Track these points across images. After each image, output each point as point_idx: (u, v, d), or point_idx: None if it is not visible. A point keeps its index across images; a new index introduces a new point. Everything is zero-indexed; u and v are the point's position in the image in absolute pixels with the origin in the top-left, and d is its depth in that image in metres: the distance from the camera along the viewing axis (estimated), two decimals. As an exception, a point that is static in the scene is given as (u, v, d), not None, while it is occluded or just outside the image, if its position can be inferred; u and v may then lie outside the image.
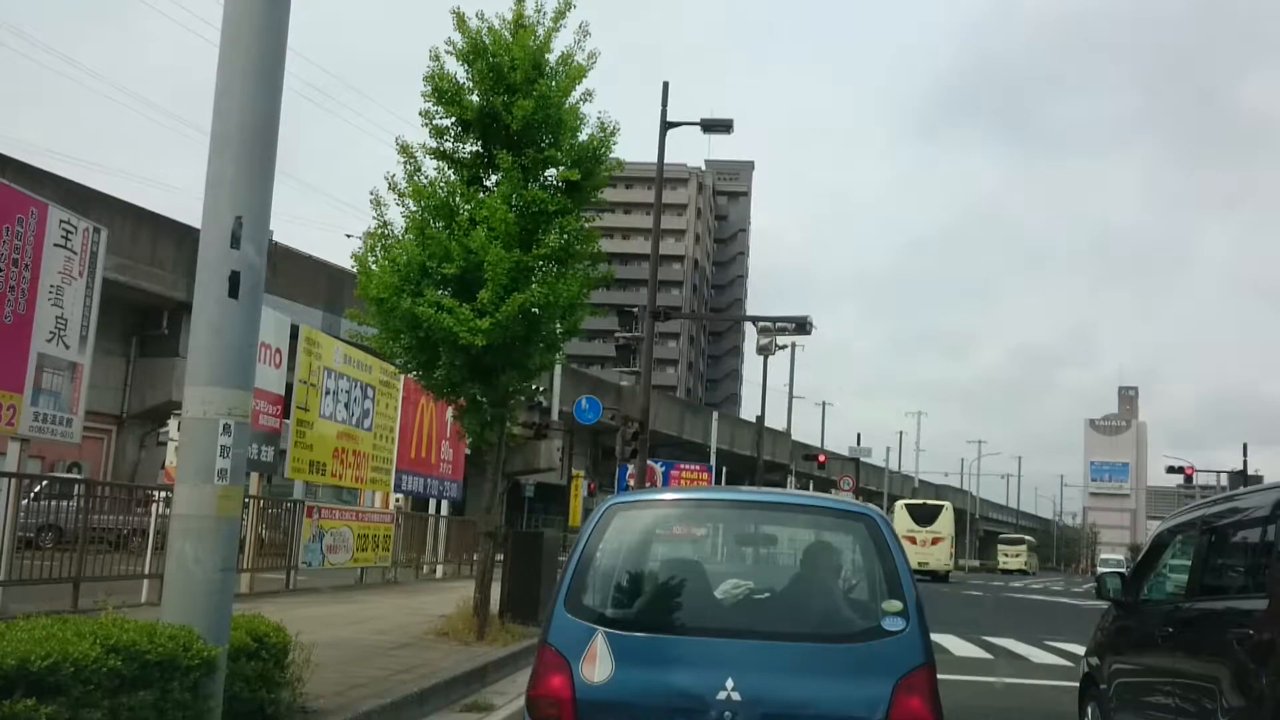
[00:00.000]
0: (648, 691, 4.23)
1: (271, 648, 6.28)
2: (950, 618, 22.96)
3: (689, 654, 4.31)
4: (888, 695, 4.18)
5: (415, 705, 7.95)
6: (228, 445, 5.62)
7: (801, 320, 29.60)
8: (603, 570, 4.64)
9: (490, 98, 11.49)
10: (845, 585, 4.94)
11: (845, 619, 4.70)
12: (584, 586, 4.54)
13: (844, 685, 4.23)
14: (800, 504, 5.88)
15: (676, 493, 7.48)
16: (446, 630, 11.56)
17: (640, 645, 4.35)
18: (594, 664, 4.29)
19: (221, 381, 5.64)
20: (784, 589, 5.00)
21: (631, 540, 4.83)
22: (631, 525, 4.88)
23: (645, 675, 4.26)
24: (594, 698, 4.25)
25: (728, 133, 25.03)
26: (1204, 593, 5.74)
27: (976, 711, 9.93)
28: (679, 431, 64.11)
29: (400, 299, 10.98)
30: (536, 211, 11.36)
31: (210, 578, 5.52)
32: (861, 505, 5.20)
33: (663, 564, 4.98)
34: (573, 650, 4.33)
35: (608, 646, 4.31)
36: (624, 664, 4.29)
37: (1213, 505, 6.18)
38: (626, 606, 4.60)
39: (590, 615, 4.44)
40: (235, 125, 5.77)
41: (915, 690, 4.21)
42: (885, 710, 4.16)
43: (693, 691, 4.19)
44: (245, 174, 5.77)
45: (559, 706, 4.27)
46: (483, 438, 11.86)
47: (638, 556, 4.84)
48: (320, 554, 17.14)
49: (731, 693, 4.16)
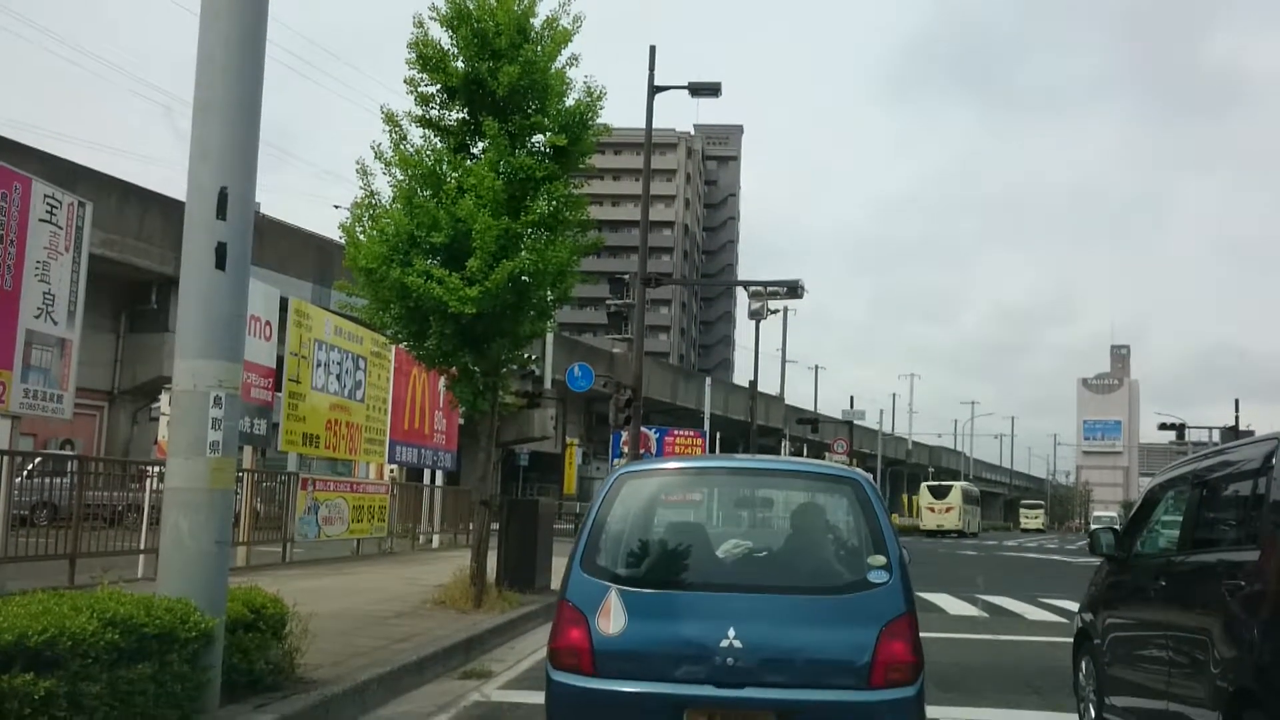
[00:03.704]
0: (657, 641, 4.65)
1: (269, 619, 6.30)
2: (945, 576, 23.11)
3: (694, 607, 4.72)
4: (873, 641, 4.61)
5: (414, 673, 7.99)
6: (219, 417, 5.61)
7: (793, 284, 29.58)
8: (614, 533, 5.06)
9: (475, 64, 11.39)
10: (834, 543, 5.38)
11: (834, 573, 5.10)
12: (598, 548, 4.97)
13: (834, 632, 4.66)
14: (793, 470, 6.54)
15: (680, 461, 8.49)
16: (443, 599, 11.59)
17: (650, 600, 4.78)
18: (609, 618, 4.71)
19: (210, 354, 5.62)
20: (779, 547, 5.52)
21: (640, 505, 5.24)
22: (639, 492, 5.31)
23: (655, 627, 4.68)
24: (609, 648, 4.67)
25: (716, 96, 24.86)
26: (1196, 546, 5.75)
27: (972, 668, 10.00)
28: (672, 398, 64.21)
29: (389, 269, 10.92)
30: (524, 178, 11.29)
31: (205, 550, 5.53)
32: (849, 470, 5.75)
33: (669, 526, 5.38)
34: (589, 606, 4.75)
35: (620, 602, 4.73)
36: (636, 617, 4.70)
37: (1204, 459, 6.17)
38: (637, 566, 5.00)
39: (604, 574, 4.87)
40: (218, 95, 5.73)
41: (898, 636, 4.64)
42: (871, 654, 4.59)
43: (698, 641, 4.61)
44: (229, 144, 5.73)
45: (578, 656, 4.70)
46: (475, 406, 11.84)
47: (646, 520, 5.25)
48: (316, 526, 17.16)
49: (733, 641, 4.57)
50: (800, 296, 30.43)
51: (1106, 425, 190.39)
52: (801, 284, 29.24)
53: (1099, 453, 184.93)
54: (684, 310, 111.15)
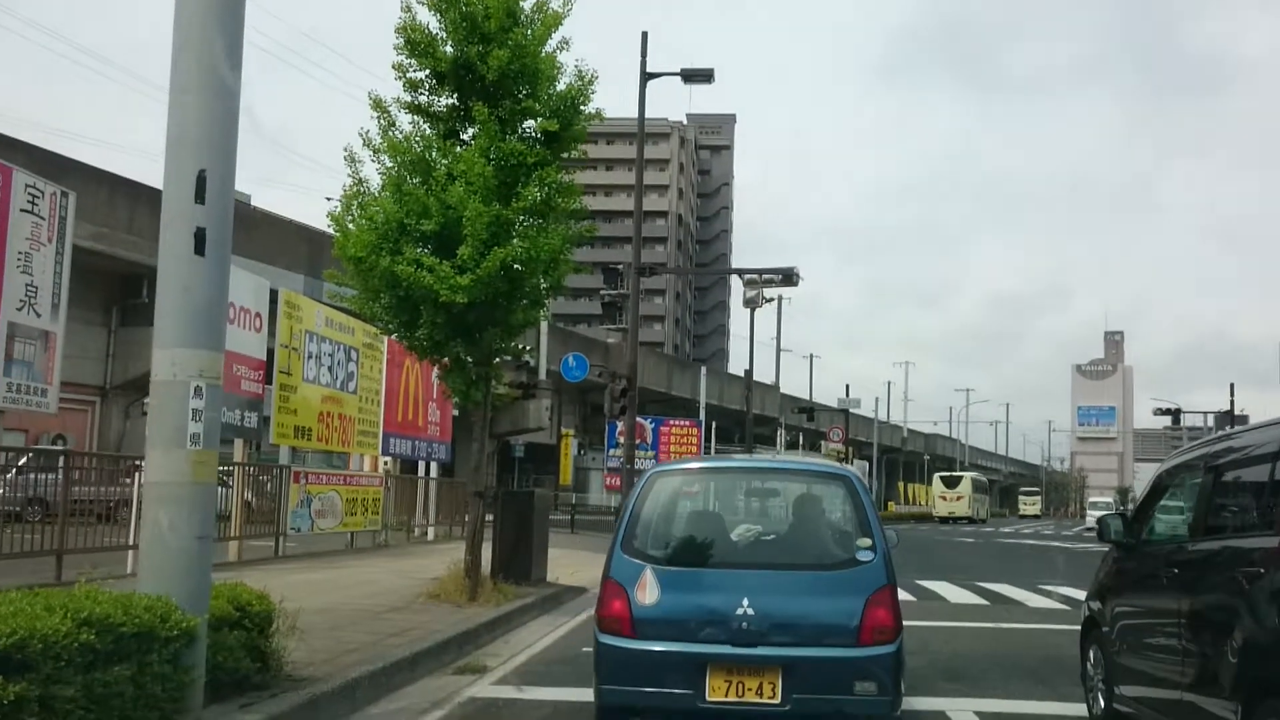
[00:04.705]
0: (685, 610, 5.64)
1: (255, 616, 6.12)
2: (944, 564, 23.00)
3: (715, 582, 5.76)
4: (861, 608, 5.60)
5: (406, 669, 7.80)
6: (199, 408, 5.42)
7: (788, 271, 29.38)
8: (648, 522, 6.08)
9: (464, 48, 11.20)
10: (829, 528, 6.37)
11: (829, 553, 6.11)
12: (635, 534, 5.97)
13: (829, 601, 5.67)
14: (794, 469, 7.59)
15: (701, 462, 9.69)
16: (438, 593, 11.42)
17: (678, 576, 5.79)
18: (645, 591, 5.70)
19: (190, 342, 5.44)
20: (783, 532, 6.66)
21: (669, 498, 6.34)
22: (668, 487, 6.40)
23: (683, 598, 5.67)
24: (645, 616, 5.66)
25: (708, 82, 24.61)
26: (1209, 532, 5.60)
27: (975, 657, 9.84)
28: (667, 388, 63.99)
29: (378, 257, 10.74)
30: (515, 164, 11.11)
31: (186, 546, 5.34)
32: (841, 467, 7.10)
33: (692, 515, 6.53)
34: (629, 581, 5.74)
35: (654, 578, 5.72)
36: (667, 590, 5.69)
37: (1216, 444, 6.02)
38: (667, 548, 6.02)
39: (641, 555, 5.86)
40: (194, 76, 5.53)
41: (881, 604, 5.65)
42: (859, 618, 5.58)
43: (718, 609, 5.58)
44: (207, 126, 5.54)
45: (620, 623, 5.70)
46: (468, 397, 11.66)
47: (675, 510, 6.36)
48: (309, 519, 16.97)
49: (747, 609, 5.53)
50: (795, 284, 30.20)
51: (1101, 411, 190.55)
52: (796, 271, 29.03)
53: (1093, 439, 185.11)
54: (678, 300, 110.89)
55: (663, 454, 62.43)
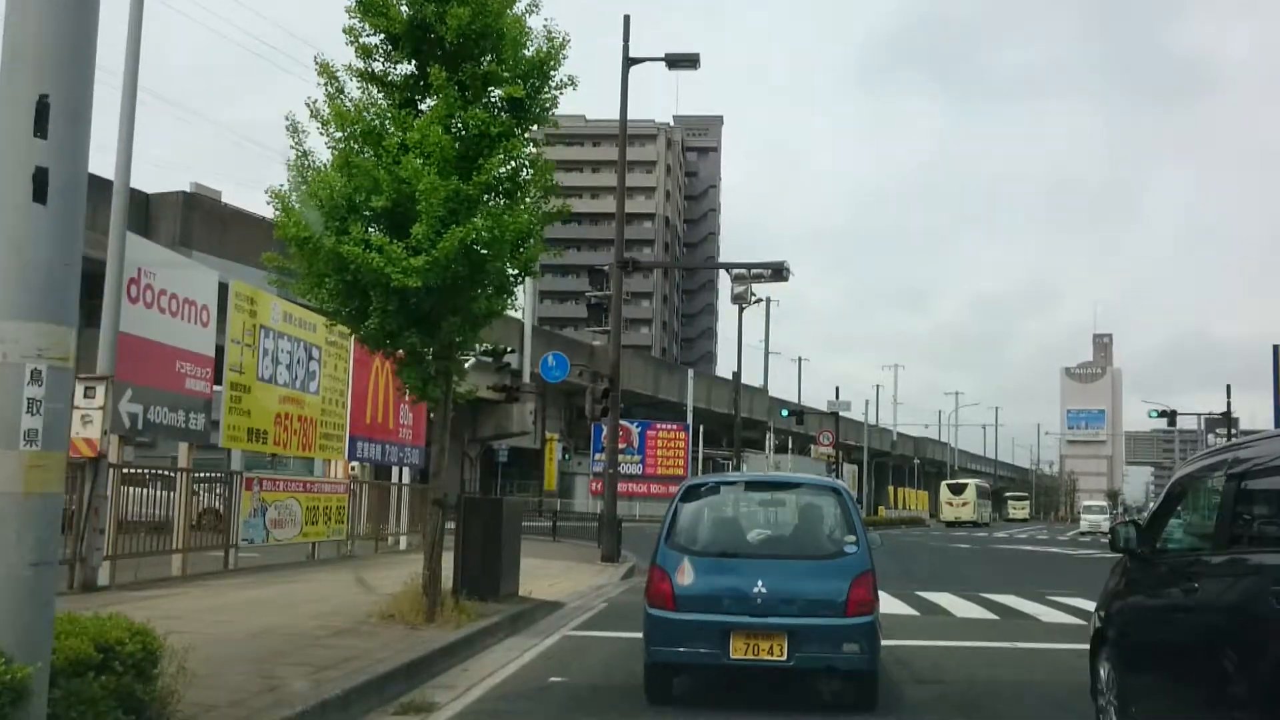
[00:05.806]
0: (714, 589, 7.30)
1: (127, 658, 4.92)
2: (944, 574, 21.88)
3: (737, 569, 7.41)
4: (847, 587, 7.23)
5: (337, 710, 6.62)
6: (37, 398, 4.24)
7: (778, 266, 28.24)
8: (684, 522, 7.85)
9: (421, 6, 10.07)
10: (823, 528, 7.92)
11: (823, 546, 7.74)
12: (676, 531, 7.73)
13: (823, 583, 7.29)
14: (796, 482, 9.28)
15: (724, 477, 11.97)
16: (392, 612, 10.22)
17: (709, 564, 7.49)
18: (684, 575, 7.38)
19: (25, 314, 4.25)
20: (788, 531, 8.39)
21: (701, 503, 8.27)
22: (700, 494, 8.45)
23: (713, 580, 7.36)
24: (684, 593, 7.33)
25: (694, 68, 23.38)
26: (1234, 543, 5.12)
27: (994, 687, 8.67)
28: (654, 390, 62.85)
29: (323, 238, 9.58)
30: (478, 134, 9.97)
31: (16, 575, 4.16)
32: (833, 481, 9.32)
33: (719, 517, 8.25)
34: (671, 568, 7.44)
35: (691, 565, 7.42)
36: (700, 575, 7.38)
37: (1238, 449, 5.50)
38: (699, 542, 7.76)
39: (680, 548, 7.61)
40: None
41: (862, 585, 7.28)
42: (846, 595, 7.19)
43: (739, 588, 7.22)
44: (53, 40, 4.36)
45: (664, 599, 7.37)
46: (425, 394, 10.48)
47: (705, 513, 8.18)
48: (264, 529, 15.75)
49: (761, 589, 7.17)
50: (785, 278, 29.03)
51: (1090, 414, 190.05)
52: (786, 265, 27.86)
53: (1083, 442, 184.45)
54: (665, 304, 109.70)
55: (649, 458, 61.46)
